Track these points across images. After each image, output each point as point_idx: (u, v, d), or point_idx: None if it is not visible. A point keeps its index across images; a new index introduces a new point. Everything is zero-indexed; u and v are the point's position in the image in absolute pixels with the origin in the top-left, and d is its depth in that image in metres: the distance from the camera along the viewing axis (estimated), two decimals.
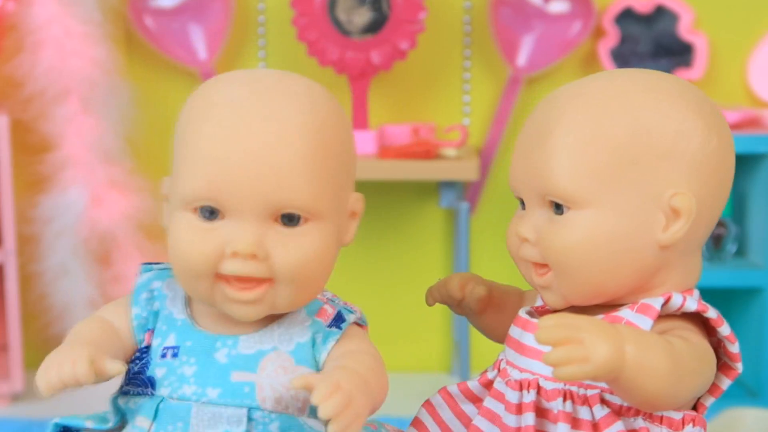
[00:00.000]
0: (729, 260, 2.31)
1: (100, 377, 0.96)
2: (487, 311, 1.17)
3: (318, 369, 1.02)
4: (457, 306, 1.18)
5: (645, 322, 0.99)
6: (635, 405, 0.98)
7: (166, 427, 1.00)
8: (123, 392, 1.04)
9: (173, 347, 1.02)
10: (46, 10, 2.31)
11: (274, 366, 1.01)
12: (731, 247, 2.30)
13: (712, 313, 1.01)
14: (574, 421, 1.01)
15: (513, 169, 1.06)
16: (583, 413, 1.01)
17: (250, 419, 1.00)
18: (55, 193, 2.36)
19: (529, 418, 1.02)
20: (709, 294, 2.40)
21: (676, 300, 1.00)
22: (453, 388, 1.12)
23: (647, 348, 0.92)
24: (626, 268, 1.01)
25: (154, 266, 1.07)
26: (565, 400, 1.01)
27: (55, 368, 0.95)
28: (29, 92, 2.33)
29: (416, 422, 1.14)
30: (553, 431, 1.01)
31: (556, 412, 1.01)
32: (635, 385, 0.92)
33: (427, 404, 1.14)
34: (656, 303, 1.00)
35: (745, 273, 2.26)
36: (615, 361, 0.90)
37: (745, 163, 2.32)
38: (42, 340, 2.49)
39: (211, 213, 0.97)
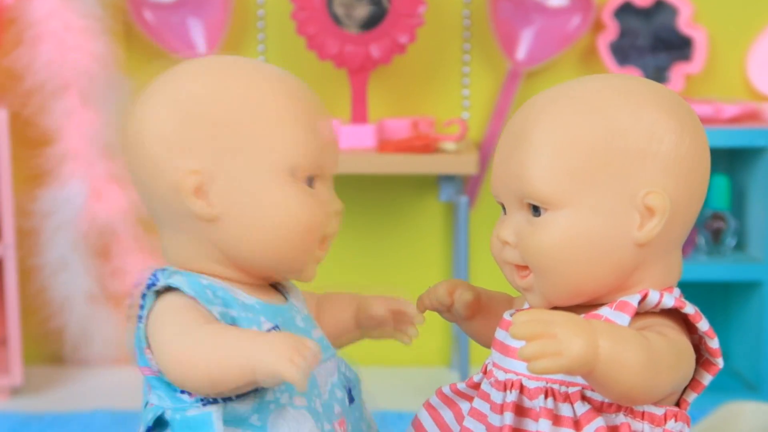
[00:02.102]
0: (728, 254, 2.31)
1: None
2: (476, 317, 1.19)
3: None
4: (447, 312, 1.20)
5: (623, 319, 1.01)
6: (612, 399, 1.00)
7: (313, 399, 1.06)
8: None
9: (273, 327, 1.05)
10: (45, 4, 2.31)
11: (312, 316, 1.13)
12: (730, 241, 2.30)
13: (689, 309, 1.03)
14: (556, 418, 1.02)
15: (493, 174, 1.09)
16: (565, 410, 1.02)
17: (338, 368, 1.11)
18: (54, 187, 2.36)
19: (507, 418, 1.03)
20: (708, 288, 2.41)
21: (653, 297, 1.02)
22: (446, 389, 1.14)
23: (621, 342, 0.93)
24: (604, 267, 1.02)
25: (170, 270, 1.06)
26: (546, 397, 1.03)
27: (295, 357, 0.93)
28: (29, 86, 2.34)
29: (415, 423, 1.15)
30: (536, 428, 1.02)
31: (538, 409, 1.02)
32: (610, 379, 0.94)
33: (427, 405, 1.16)
34: (633, 300, 1.02)
35: (745, 267, 2.26)
36: (588, 355, 0.91)
37: (744, 156, 2.32)
38: (41, 334, 2.49)
39: (311, 180, 1.07)
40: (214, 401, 1.01)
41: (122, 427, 2.09)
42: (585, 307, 1.05)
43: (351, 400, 1.11)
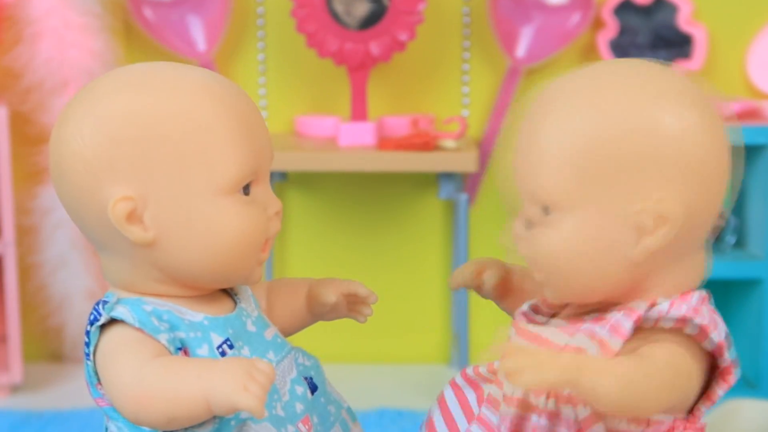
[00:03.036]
0: (728, 252, 2.31)
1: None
2: (507, 296, 1.17)
3: None
4: (479, 290, 1.19)
5: (626, 324, 0.99)
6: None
7: (273, 405, 1.04)
8: None
9: (224, 341, 1.03)
10: (44, 2, 2.31)
11: (263, 315, 1.10)
12: (730, 239, 2.30)
13: (700, 320, 1.00)
14: (558, 420, 1.01)
15: (509, 172, 1.07)
16: (567, 413, 1.01)
17: (295, 362, 1.09)
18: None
19: (511, 412, 1.03)
20: (707, 285, 2.39)
21: (662, 307, 0.99)
22: (470, 370, 1.12)
23: (598, 375, 0.93)
24: (613, 270, 1.00)
25: (112, 301, 1.02)
26: (548, 398, 1.02)
27: (249, 384, 0.91)
28: (28, 84, 2.33)
29: (440, 399, 1.13)
30: (536, 425, 1.02)
31: (541, 408, 1.02)
32: (591, 403, 0.95)
33: (453, 383, 1.14)
34: (640, 308, 1.00)
35: (744, 264, 2.26)
36: (569, 371, 0.91)
37: (744, 154, 2.31)
38: (41, 332, 2.49)
39: (247, 187, 1.03)
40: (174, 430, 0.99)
41: None
42: (599, 304, 1.03)
43: (314, 389, 1.09)
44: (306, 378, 1.09)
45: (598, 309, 1.03)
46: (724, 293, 2.43)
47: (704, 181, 1.00)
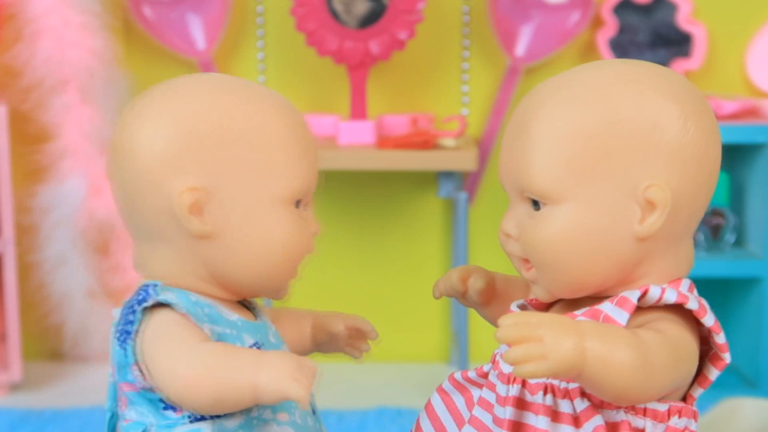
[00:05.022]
0: (727, 250, 2.31)
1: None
2: (491, 303, 1.18)
3: None
4: (462, 298, 1.19)
5: (622, 316, 0.99)
6: (606, 399, 0.98)
7: (293, 413, 1.07)
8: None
9: (254, 343, 1.06)
10: (44, 0, 2.31)
11: (279, 332, 1.13)
12: (729, 237, 2.30)
13: (692, 304, 1.01)
14: (556, 415, 1.01)
15: (499, 164, 1.08)
16: (564, 407, 1.01)
17: None
18: (53, 183, 2.36)
19: (507, 412, 1.03)
20: (707, 284, 2.41)
21: (654, 292, 1.00)
22: (458, 375, 1.14)
23: (610, 343, 0.92)
24: (605, 261, 1.01)
25: (159, 285, 1.04)
26: (546, 393, 1.02)
27: (298, 375, 0.94)
28: (28, 82, 2.33)
29: (428, 407, 1.15)
30: (535, 424, 1.01)
31: (538, 404, 1.02)
32: (599, 380, 0.92)
33: (440, 389, 1.15)
34: (633, 296, 1.00)
35: (744, 263, 2.26)
36: (574, 359, 0.90)
37: (743, 153, 2.32)
38: (40, 330, 2.49)
39: (299, 203, 1.07)
40: (203, 418, 1.01)
41: None
42: (589, 299, 1.04)
43: (314, 410, 1.12)
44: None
45: (589, 302, 1.04)
46: (724, 292, 2.43)
47: (691, 166, 1.01)
